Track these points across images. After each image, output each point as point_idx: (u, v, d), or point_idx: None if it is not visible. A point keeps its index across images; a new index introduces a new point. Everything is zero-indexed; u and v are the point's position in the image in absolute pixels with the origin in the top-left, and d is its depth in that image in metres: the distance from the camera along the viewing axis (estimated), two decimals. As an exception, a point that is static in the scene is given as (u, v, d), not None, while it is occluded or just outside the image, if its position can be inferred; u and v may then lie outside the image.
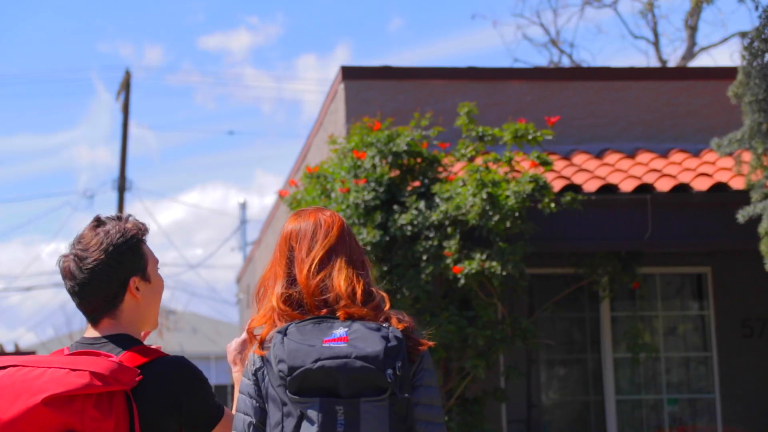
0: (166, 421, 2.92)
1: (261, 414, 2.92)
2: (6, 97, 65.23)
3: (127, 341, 3.02)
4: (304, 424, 2.81)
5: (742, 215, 8.61)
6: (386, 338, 2.88)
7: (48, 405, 2.76)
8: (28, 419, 2.76)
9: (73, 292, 3.04)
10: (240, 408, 2.95)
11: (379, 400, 2.82)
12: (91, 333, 3.08)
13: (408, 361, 2.92)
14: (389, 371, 2.83)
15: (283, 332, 2.90)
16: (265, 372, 2.92)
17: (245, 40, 64.33)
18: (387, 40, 62.60)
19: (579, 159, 10.36)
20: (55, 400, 2.77)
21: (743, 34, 8.95)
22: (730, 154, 9.41)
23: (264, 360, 2.93)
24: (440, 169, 9.11)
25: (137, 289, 3.07)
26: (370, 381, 2.82)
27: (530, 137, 8.96)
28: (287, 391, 2.83)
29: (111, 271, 3.02)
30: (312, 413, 2.80)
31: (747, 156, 9.14)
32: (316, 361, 2.82)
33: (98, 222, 3.08)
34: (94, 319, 3.07)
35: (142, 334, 3.16)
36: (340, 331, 2.88)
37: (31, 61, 57.05)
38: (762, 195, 8.74)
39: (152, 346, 3.05)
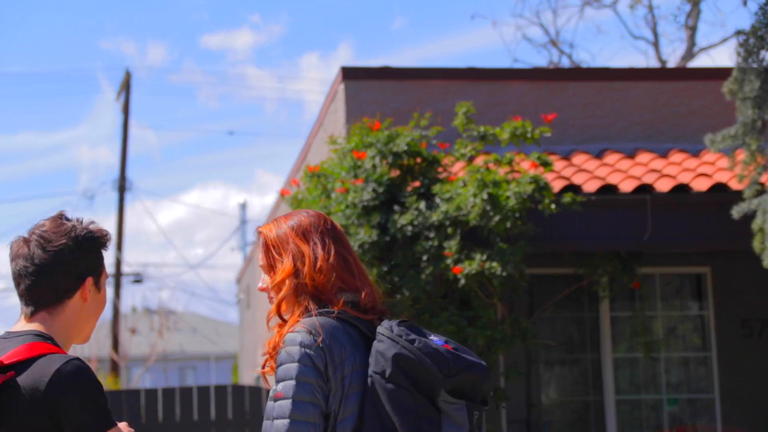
0: (38, 420, 2.78)
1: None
2: (10, 95, 65.21)
3: (35, 338, 2.87)
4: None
5: (737, 211, 8.61)
6: None
7: None
8: None
9: (24, 274, 2.90)
10: None
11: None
12: (17, 326, 2.95)
13: None
14: None
15: None
16: None
17: (248, 38, 64.37)
18: (389, 39, 62.67)
19: (579, 159, 10.36)
20: None
21: (740, 33, 8.91)
22: (724, 152, 9.39)
23: None
24: (440, 169, 9.10)
25: (88, 292, 2.96)
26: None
27: (528, 135, 8.97)
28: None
29: (74, 260, 2.91)
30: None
31: (742, 154, 9.13)
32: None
33: (62, 216, 2.97)
34: (32, 310, 2.92)
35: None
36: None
37: (35, 59, 57.09)
38: (755, 191, 8.74)
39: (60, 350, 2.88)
